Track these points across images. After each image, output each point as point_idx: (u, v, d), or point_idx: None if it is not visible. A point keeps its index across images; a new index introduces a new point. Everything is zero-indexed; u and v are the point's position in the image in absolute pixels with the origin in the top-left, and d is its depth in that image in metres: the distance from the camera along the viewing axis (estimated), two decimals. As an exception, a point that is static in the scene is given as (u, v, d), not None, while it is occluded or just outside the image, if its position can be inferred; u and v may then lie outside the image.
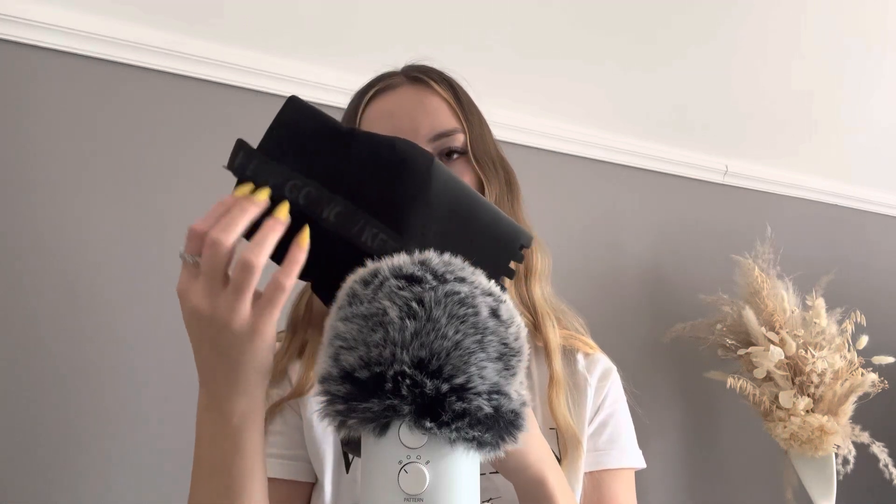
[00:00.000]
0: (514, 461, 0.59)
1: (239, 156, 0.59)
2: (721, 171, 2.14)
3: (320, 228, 0.58)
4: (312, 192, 0.58)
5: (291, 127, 0.61)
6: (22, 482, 1.21)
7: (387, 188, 0.59)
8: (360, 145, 0.61)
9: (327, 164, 0.60)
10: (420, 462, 0.45)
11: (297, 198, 0.58)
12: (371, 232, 0.58)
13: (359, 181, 0.59)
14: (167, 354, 1.34)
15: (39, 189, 1.26)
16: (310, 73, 1.48)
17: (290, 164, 0.59)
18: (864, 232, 2.50)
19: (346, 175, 0.59)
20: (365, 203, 0.59)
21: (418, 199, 0.60)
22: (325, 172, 0.59)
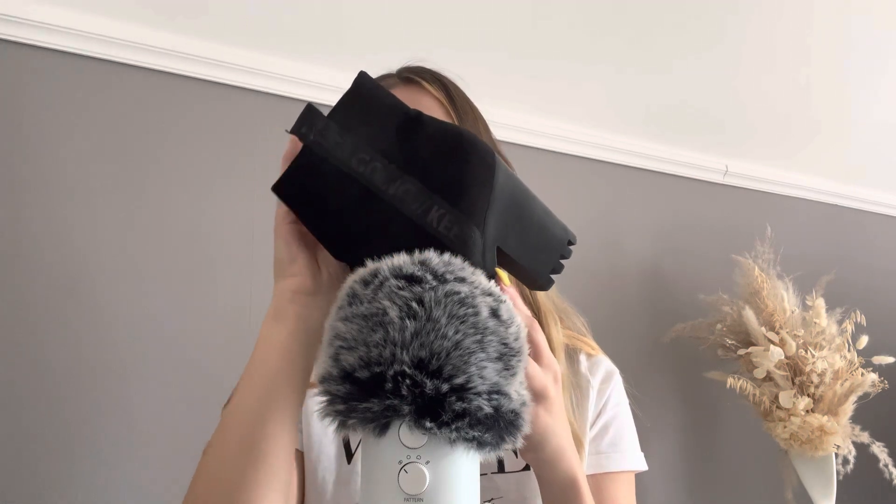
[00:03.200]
0: (552, 452, 0.59)
1: (306, 121, 0.58)
2: (721, 171, 2.14)
3: (383, 205, 0.57)
4: (380, 167, 0.58)
5: (362, 102, 0.60)
6: (19, 482, 1.21)
7: (455, 172, 0.59)
8: (429, 128, 0.60)
9: (396, 142, 0.59)
10: (420, 462, 0.45)
11: (365, 172, 0.57)
12: (437, 213, 0.58)
13: (427, 162, 0.59)
14: (166, 355, 1.34)
15: (39, 189, 1.26)
16: (310, 73, 1.48)
17: (359, 136, 0.58)
18: (864, 232, 2.50)
19: (414, 155, 0.59)
20: (433, 184, 0.58)
21: (485, 186, 0.59)
22: (393, 150, 0.59)
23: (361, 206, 0.57)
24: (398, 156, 0.59)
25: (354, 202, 0.57)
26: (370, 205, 0.57)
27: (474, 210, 0.59)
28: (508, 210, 0.61)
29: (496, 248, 0.60)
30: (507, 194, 0.61)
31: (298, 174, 0.58)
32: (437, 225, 0.57)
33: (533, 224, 0.63)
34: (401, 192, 0.58)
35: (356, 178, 0.57)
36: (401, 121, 0.60)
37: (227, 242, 1.42)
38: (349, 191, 0.57)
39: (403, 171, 0.58)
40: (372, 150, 0.58)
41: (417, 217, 0.57)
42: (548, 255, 0.63)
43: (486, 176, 0.60)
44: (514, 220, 0.62)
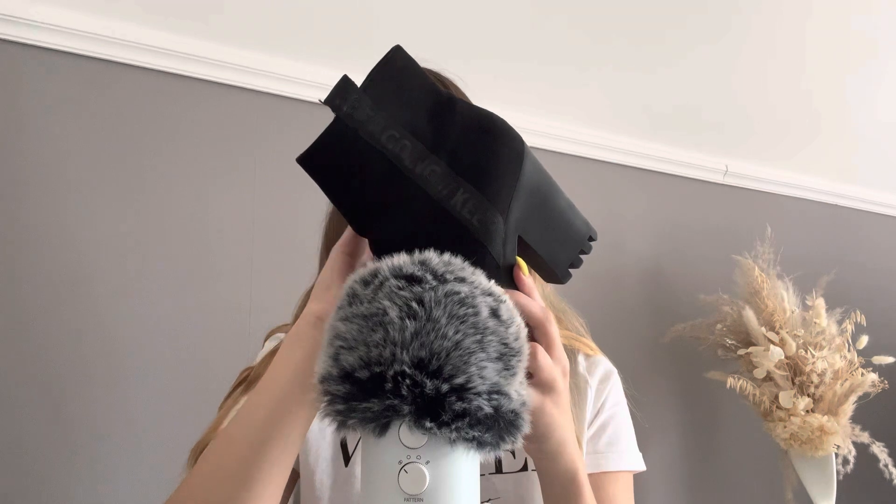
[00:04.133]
0: (555, 445, 0.59)
1: (341, 92, 0.57)
2: (721, 171, 2.14)
3: (409, 184, 0.57)
4: (409, 146, 0.57)
5: (395, 78, 0.59)
6: (19, 482, 1.21)
7: (483, 157, 0.59)
8: (460, 111, 0.60)
9: (427, 122, 0.59)
10: (420, 462, 0.45)
11: (394, 149, 0.57)
12: (462, 196, 0.57)
13: (456, 145, 0.59)
14: (165, 354, 1.34)
15: (39, 188, 1.26)
16: (310, 73, 1.48)
17: (391, 113, 0.58)
18: (864, 232, 2.50)
19: (444, 137, 0.59)
20: (460, 167, 0.58)
21: (512, 173, 0.59)
22: (423, 130, 0.58)
23: (387, 182, 0.57)
24: (428, 136, 0.58)
25: (381, 178, 0.57)
26: (396, 182, 0.57)
27: (499, 197, 0.58)
28: (533, 200, 0.61)
29: (517, 238, 0.60)
30: (533, 184, 0.61)
31: (327, 146, 0.58)
32: (460, 208, 0.57)
33: (556, 216, 0.63)
34: (427, 172, 0.57)
35: (385, 154, 0.56)
36: (432, 101, 0.60)
37: (227, 242, 1.42)
38: (376, 166, 0.57)
39: (432, 152, 0.58)
40: (402, 128, 0.57)
41: (442, 199, 0.57)
42: (568, 249, 0.63)
43: (514, 163, 0.60)
44: (538, 211, 0.61)
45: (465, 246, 0.57)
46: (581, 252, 0.64)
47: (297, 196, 1.46)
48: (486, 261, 0.57)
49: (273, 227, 1.46)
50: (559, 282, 0.65)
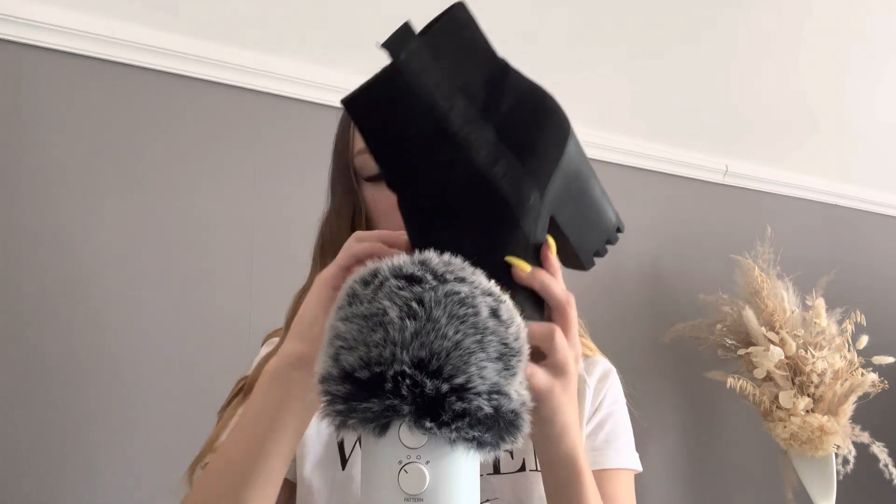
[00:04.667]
0: (559, 428, 0.60)
1: (401, 38, 0.55)
2: (721, 171, 2.14)
3: (454, 145, 0.55)
4: (460, 106, 0.56)
5: (456, 34, 0.57)
6: (18, 482, 1.21)
7: (530, 131, 0.58)
8: (513, 81, 0.59)
9: (481, 85, 0.57)
10: (420, 462, 0.45)
11: (444, 106, 0.55)
12: (503, 167, 0.57)
13: (505, 114, 0.58)
14: (165, 355, 1.34)
15: (38, 188, 1.26)
16: (310, 73, 1.48)
17: (447, 68, 0.56)
18: (864, 232, 2.50)
19: (495, 104, 0.58)
20: (506, 137, 0.57)
21: (556, 152, 0.59)
22: (476, 93, 0.57)
23: (432, 139, 0.55)
24: (480, 100, 0.57)
25: (426, 134, 0.55)
26: (440, 141, 0.55)
27: (540, 173, 0.58)
28: (571, 182, 0.60)
29: (550, 218, 0.59)
30: (573, 166, 0.60)
31: (377, 91, 0.55)
32: (500, 179, 0.56)
33: (590, 202, 0.62)
34: (473, 136, 0.56)
35: (434, 109, 0.55)
36: (489, 65, 0.58)
37: (227, 243, 1.42)
38: (424, 121, 0.55)
39: (481, 117, 0.57)
40: (455, 87, 0.56)
41: (483, 166, 0.56)
42: (596, 236, 0.62)
43: (559, 142, 0.59)
44: (574, 194, 0.61)
45: (497, 217, 0.56)
46: (608, 242, 0.63)
47: (297, 196, 1.46)
48: (517, 235, 0.57)
49: (273, 227, 1.46)
50: (582, 268, 0.64)
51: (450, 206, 0.56)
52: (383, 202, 0.78)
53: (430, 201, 0.56)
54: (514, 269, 0.57)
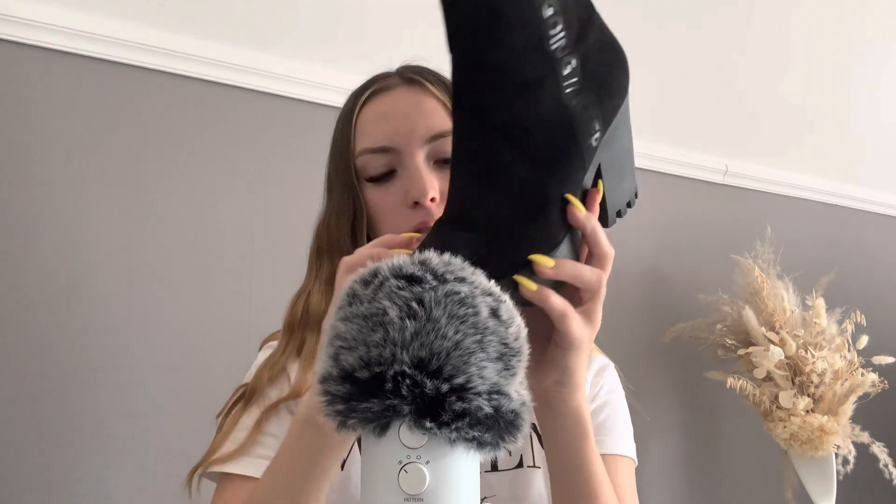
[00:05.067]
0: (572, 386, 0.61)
1: None
2: (721, 171, 2.14)
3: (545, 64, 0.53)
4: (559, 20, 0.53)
5: None
6: (20, 481, 1.21)
7: (607, 74, 0.57)
8: (598, 20, 0.58)
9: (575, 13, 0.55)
10: (420, 462, 0.45)
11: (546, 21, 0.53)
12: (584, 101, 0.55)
13: (591, 47, 0.57)
14: (164, 355, 1.34)
15: (39, 188, 1.26)
16: (310, 72, 1.48)
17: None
18: (864, 232, 2.50)
19: (584, 34, 0.56)
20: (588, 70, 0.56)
21: (620, 100, 0.59)
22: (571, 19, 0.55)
23: (527, 46, 0.53)
24: (574, 29, 0.55)
25: (523, 39, 0.52)
26: (534, 52, 0.53)
27: (608, 118, 0.57)
28: (623, 136, 0.60)
29: (598, 166, 0.59)
30: (625, 119, 0.60)
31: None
32: (578, 111, 0.55)
33: (627, 159, 0.61)
34: (566, 57, 0.54)
35: (540, 23, 0.52)
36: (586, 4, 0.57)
37: (227, 242, 1.42)
38: (527, 23, 0.52)
39: (574, 40, 0.55)
40: (558, 9, 0.53)
41: (567, 94, 0.54)
42: (623, 195, 0.62)
43: (624, 91, 0.58)
44: (621, 149, 0.60)
45: (566, 152, 0.55)
46: (629, 205, 0.63)
47: (297, 196, 1.46)
48: (577, 176, 0.56)
49: (273, 227, 1.46)
50: (603, 224, 0.63)
51: (524, 127, 0.54)
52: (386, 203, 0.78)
53: (506, 118, 0.54)
54: (571, 208, 0.57)
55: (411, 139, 0.77)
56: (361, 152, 0.79)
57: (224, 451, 0.76)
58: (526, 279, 0.55)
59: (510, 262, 0.54)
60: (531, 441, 0.79)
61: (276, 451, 0.77)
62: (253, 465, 0.75)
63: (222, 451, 0.76)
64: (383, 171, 0.78)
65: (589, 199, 0.58)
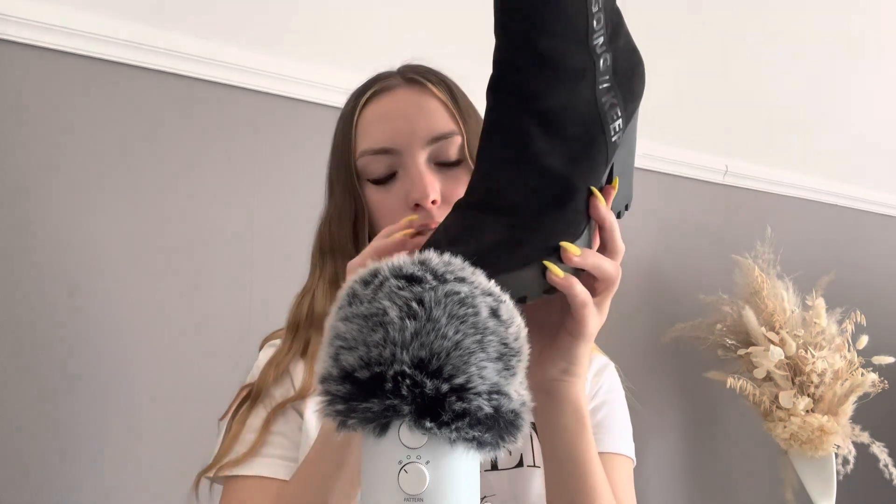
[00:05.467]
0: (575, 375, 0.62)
1: None
2: (721, 171, 2.14)
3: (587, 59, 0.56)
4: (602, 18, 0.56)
5: None
6: (21, 481, 1.21)
7: (632, 76, 0.59)
8: (627, 31, 0.61)
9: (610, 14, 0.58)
10: (420, 462, 0.45)
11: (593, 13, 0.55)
12: (611, 100, 0.58)
13: (620, 48, 0.59)
14: (164, 355, 1.34)
15: (38, 189, 1.26)
16: (310, 72, 1.48)
17: None
18: (864, 232, 2.50)
19: (616, 37, 0.59)
20: (616, 70, 0.58)
21: (639, 100, 0.61)
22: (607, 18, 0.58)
23: (572, 39, 0.55)
24: (608, 28, 0.57)
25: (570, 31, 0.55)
26: (577, 46, 0.55)
27: (628, 118, 0.59)
28: (632, 139, 0.62)
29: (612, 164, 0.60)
30: (635, 123, 0.62)
31: None
32: (606, 109, 0.57)
33: (631, 160, 0.63)
34: (602, 56, 0.57)
35: (587, 16, 0.55)
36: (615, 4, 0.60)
37: (227, 242, 1.42)
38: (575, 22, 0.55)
39: (609, 39, 0.57)
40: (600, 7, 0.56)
41: (599, 91, 0.57)
42: (625, 196, 0.63)
43: (641, 93, 0.61)
44: (629, 151, 0.62)
45: (595, 146, 0.57)
46: (626, 209, 0.64)
47: (297, 196, 1.46)
48: (601, 170, 0.58)
49: (273, 227, 1.46)
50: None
51: (561, 115, 0.56)
52: (386, 205, 0.78)
53: (546, 105, 0.56)
54: (594, 200, 0.58)
55: (412, 140, 0.77)
56: (362, 153, 0.79)
57: (235, 454, 0.76)
58: (555, 265, 0.56)
59: (537, 248, 0.56)
60: (531, 440, 0.79)
61: (286, 449, 0.78)
62: (265, 466, 0.76)
63: (233, 455, 0.76)
64: (384, 172, 0.78)
65: (606, 193, 0.60)
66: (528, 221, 0.56)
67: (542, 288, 0.56)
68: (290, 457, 0.78)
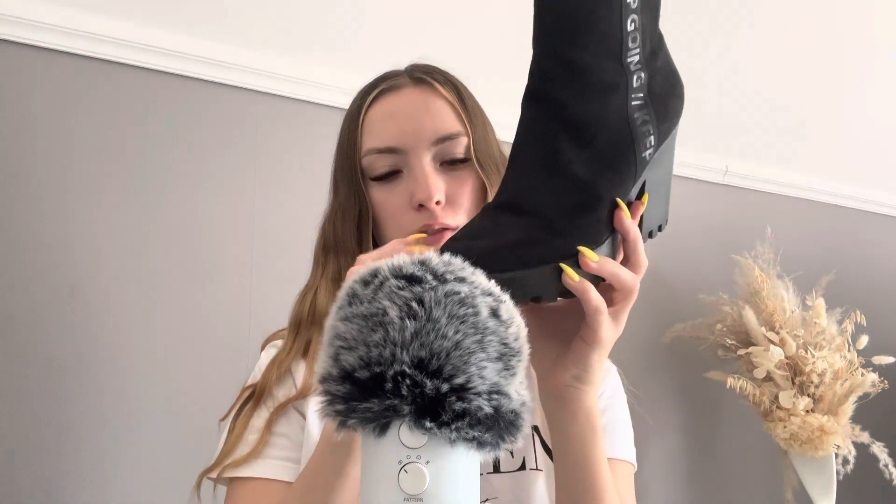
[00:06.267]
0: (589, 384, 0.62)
1: None
2: (721, 171, 2.14)
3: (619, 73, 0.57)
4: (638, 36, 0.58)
5: None
6: (18, 481, 1.21)
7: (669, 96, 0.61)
8: (667, 53, 0.62)
9: (650, 36, 0.60)
10: (420, 462, 0.45)
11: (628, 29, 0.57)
12: (644, 117, 0.59)
13: (658, 69, 0.60)
14: (164, 355, 1.34)
15: (38, 189, 1.26)
16: (310, 73, 1.48)
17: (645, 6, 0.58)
18: (864, 232, 2.50)
19: (654, 56, 0.60)
20: (653, 89, 0.59)
21: (675, 124, 0.62)
22: (647, 34, 0.59)
23: (606, 53, 0.57)
24: (647, 38, 0.59)
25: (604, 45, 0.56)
26: (611, 60, 0.57)
27: (662, 137, 0.60)
28: (668, 159, 0.63)
29: (644, 182, 0.61)
30: (671, 145, 0.63)
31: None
32: (638, 125, 0.58)
33: (666, 183, 0.64)
34: (637, 72, 0.58)
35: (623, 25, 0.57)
36: (657, 27, 0.61)
37: (227, 242, 1.42)
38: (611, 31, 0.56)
39: (646, 57, 0.59)
40: (640, 15, 0.58)
41: (632, 107, 0.58)
42: (657, 216, 0.64)
43: (678, 117, 0.62)
44: (665, 172, 0.63)
45: (623, 163, 0.58)
46: (660, 230, 0.65)
47: (297, 196, 1.46)
48: (628, 184, 0.59)
49: (273, 227, 1.46)
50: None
51: (592, 126, 0.57)
52: (391, 203, 0.78)
53: (578, 115, 0.57)
54: (619, 212, 0.59)
55: (418, 140, 0.77)
56: (368, 152, 0.79)
57: (237, 454, 0.76)
58: (570, 268, 0.57)
59: (556, 250, 0.57)
60: (533, 443, 0.79)
61: (289, 450, 0.77)
62: (268, 467, 0.76)
63: (236, 455, 0.76)
64: (389, 171, 0.78)
65: (633, 208, 0.61)
66: (549, 224, 0.57)
67: (557, 290, 0.56)
68: (293, 458, 0.78)
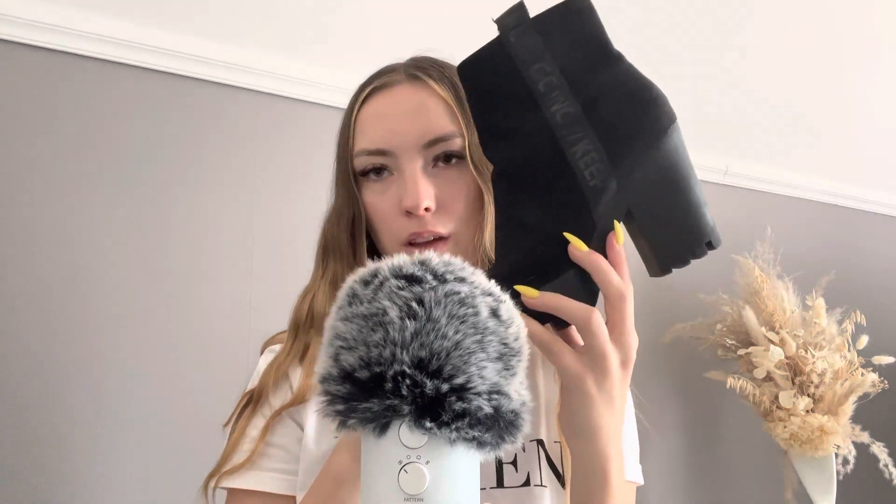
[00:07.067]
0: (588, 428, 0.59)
1: (512, 16, 0.60)
2: (721, 171, 2.14)
3: (539, 118, 0.59)
4: (554, 82, 0.60)
5: (567, 19, 0.61)
6: (18, 481, 1.21)
7: (623, 119, 0.59)
8: (621, 69, 0.61)
9: (582, 68, 0.60)
10: (420, 462, 0.45)
11: (536, 79, 0.60)
12: (585, 147, 0.59)
13: (600, 95, 0.60)
14: (164, 355, 1.34)
15: (38, 189, 1.26)
16: (309, 72, 1.48)
17: (550, 48, 0.60)
18: (864, 232, 2.50)
19: (593, 87, 0.60)
20: (595, 118, 0.59)
21: (645, 144, 0.59)
22: (575, 73, 0.60)
23: (520, 109, 0.60)
24: (576, 78, 0.60)
25: (516, 104, 0.60)
26: (527, 112, 0.59)
27: (622, 162, 0.59)
28: (662, 179, 0.60)
29: (626, 210, 0.59)
30: (667, 163, 0.60)
31: (482, 60, 0.61)
32: (578, 158, 0.59)
33: (679, 205, 0.60)
34: (561, 112, 0.59)
35: (527, 82, 0.59)
36: (596, 51, 0.61)
37: (227, 242, 1.42)
38: (516, 91, 0.60)
39: (573, 95, 0.59)
40: (554, 65, 0.60)
41: (565, 143, 0.59)
42: (678, 245, 0.60)
43: (651, 135, 0.59)
44: (662, 193, 0.60)
45: (568, 196, 0.59)
46: (692, 254, 0.60)
47: (296, 196, 1.46)
48: (583, 217, 0.58)
49: (273, 227, 1.46)
50: (651, 274, 0.62)
51: (527, 173, 0.60)
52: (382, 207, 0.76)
53: (513, 166, 0.60)
54: (570, 247, 0.58)
55: (407, 142, 0.74)
56: (358, 153, 0.77)
57: (233, 463, 0.76)
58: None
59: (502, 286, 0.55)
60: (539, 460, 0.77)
61: (285, 462, 0.76)
62: (261, 480, 0.75)
63: (231, 464, 0.76)
64: (379, 173, 0.76)
65: (607, 241, 0.59)
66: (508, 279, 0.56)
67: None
68: (290, 470, 0.76)
